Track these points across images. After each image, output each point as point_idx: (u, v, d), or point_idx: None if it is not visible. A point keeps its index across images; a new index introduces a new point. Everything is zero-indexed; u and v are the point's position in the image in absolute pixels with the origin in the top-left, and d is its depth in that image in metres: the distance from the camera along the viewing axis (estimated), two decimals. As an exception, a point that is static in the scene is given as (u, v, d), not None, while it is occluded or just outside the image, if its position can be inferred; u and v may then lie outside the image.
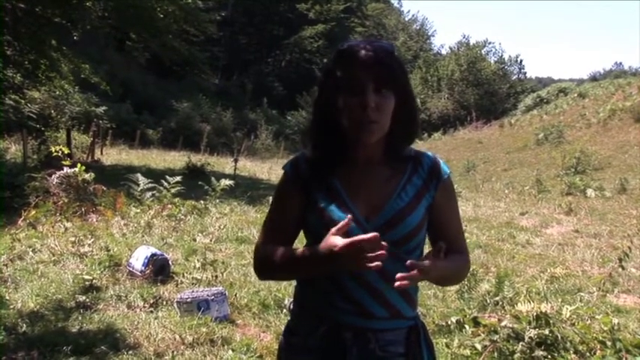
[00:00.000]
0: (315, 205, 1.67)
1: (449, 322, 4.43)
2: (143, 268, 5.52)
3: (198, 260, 6.02)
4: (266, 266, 1.75)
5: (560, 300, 5.21)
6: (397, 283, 1.43)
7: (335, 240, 1.48)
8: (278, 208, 1.77)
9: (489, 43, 49.64)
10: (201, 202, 9.68)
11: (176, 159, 20.07)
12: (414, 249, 1.67)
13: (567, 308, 4.31)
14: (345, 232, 1.58)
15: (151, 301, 4.88)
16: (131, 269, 5.62)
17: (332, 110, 1.64)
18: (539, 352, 3.73)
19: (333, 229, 1.51)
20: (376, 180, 1.67)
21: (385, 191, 1.66)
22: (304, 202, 1.70)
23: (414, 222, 1.64)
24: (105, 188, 9.05)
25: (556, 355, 3.74)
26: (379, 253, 1.42)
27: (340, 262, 1.48)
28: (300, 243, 1.75)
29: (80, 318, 4.44)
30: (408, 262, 1.45)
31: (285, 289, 5.23)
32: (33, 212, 7.59)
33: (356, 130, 1.60)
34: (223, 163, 19.62)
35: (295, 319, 1.79)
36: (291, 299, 1.83)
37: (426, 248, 1.76)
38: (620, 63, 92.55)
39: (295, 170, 1.75)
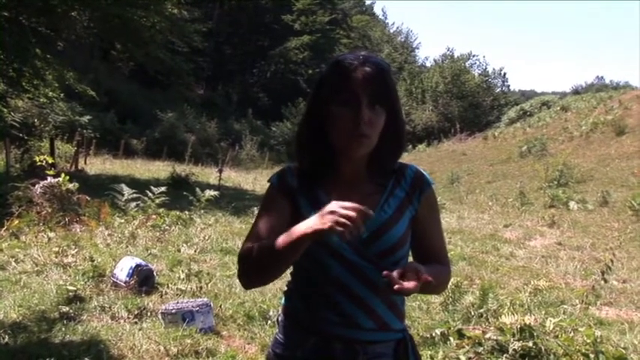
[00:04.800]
0: (300, 216, 1.65)
1: (433, 334, 4.44)
2: (127, 278, 5.48)
3: (182, 271, 6.01)
4: (247, 261, 1.61)
5: (543, 312, 5.25)
6: (397, 286, 1.41)
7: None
8: (263, 217, 1.74)
9: (473, 55, 49.89)
10: (186, 212, 9.67)
11: (160, 169, 19.98)
12: (399, 260, 1.68)
13: (551, 320, 4.35)
14: (330, 249, 1.62)
15: (136, 312, 4.85)
16: (115, 280, 5.58)
17: (322, 120, 1.65)
18: (523, 364, 3.76)
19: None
20: (360, 194, 1.66)
21: (368, 205, 1.62)
22: (290, 211, 1.70)
23: (398, 234, 1.66)
24: (89, 198, 8.99)
25: (540, 367, 3.77)
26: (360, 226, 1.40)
27: (323, 226, 1.41)
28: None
29: (63, 329, 4.40)
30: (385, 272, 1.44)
31: (270, 301, 5.23)
32: (16, 222, 7.53)
33: (345, 142, 1.61)
34: (208, 174, 19.58)
35: (284, 332, 1.78)
36: (280, 312, 1.83)
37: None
38: (602, 77, 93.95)
39: (281, 181, 1.75)
